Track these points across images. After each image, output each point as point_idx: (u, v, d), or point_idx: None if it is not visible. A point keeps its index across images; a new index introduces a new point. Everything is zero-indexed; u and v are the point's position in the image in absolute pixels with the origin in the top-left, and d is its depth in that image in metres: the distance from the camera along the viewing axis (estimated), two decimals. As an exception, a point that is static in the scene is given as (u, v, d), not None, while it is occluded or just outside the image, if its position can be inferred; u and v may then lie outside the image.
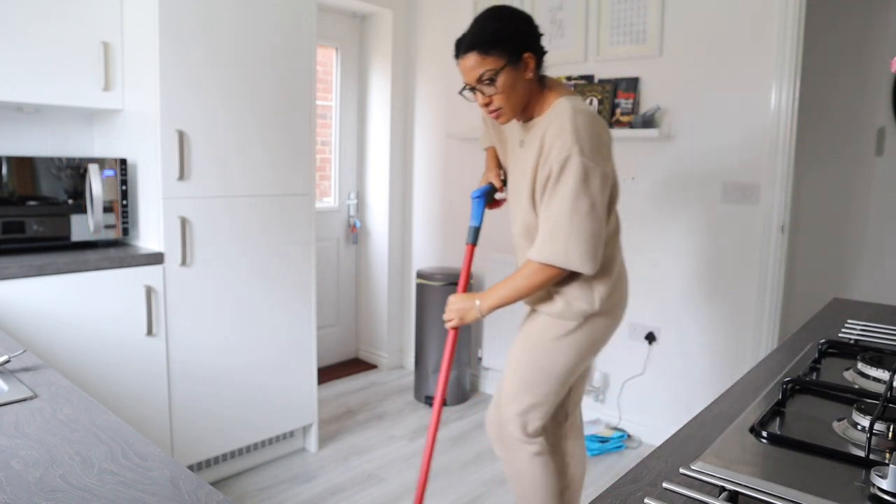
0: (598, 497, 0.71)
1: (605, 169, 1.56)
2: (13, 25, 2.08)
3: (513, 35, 1.60)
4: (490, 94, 1.63)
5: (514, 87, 1.62)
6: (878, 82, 3.38)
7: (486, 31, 1.60)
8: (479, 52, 1.59)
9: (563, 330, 1.70)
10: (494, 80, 1.60)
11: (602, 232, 1.57)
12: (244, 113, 2.39)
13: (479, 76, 1.61)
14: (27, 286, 1.94)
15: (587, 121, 1.56)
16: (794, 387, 1.02)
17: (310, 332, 2.69)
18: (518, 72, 1.61)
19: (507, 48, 1.59)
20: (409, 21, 3.75)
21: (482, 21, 1.64)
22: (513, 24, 1.62)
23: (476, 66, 1.61)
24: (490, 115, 1.68)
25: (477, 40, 1.60)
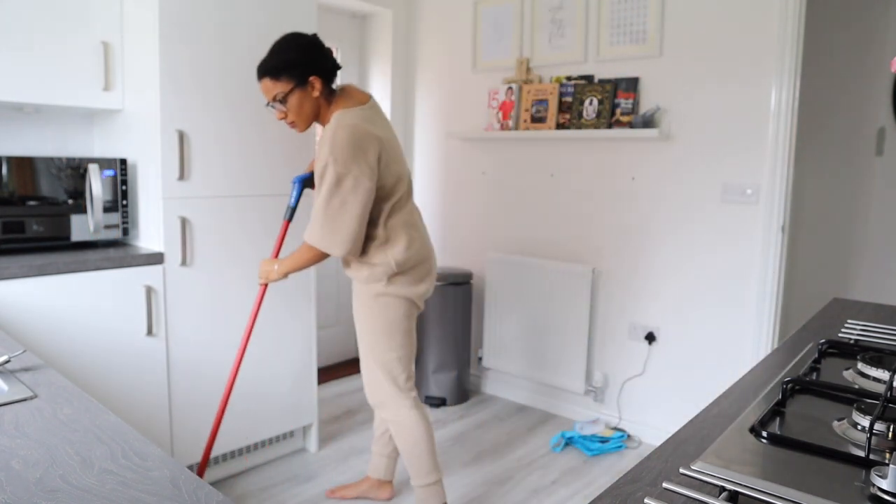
0: (598, 497, 0.71)
1: (358, 174, 1.89)
2: (13, 25, 2.08)
3: (299, 63, 1.93)
4: (283, 111, 1.99)
5: (303, 105, 1.98)
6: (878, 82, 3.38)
7: (277, 59, 1.94)
8: (271, 78, 1.95)
9: (375, 291, 2.05)
10: (285, 100, 1.96)
11: (352, 224, 1.91)
12: (244, 113, 2.39)
13: (273, 96, 1.96)
14: (27, 286, 1.94)
15: (346, 134, 1.89)
16: (794, 387, 1.02)
17: (310, 331, 2.69)
18: (305, 92, 1.96)
19: (295, 74, 1.93)
20: (409, 21, 3.75)
21: (275, 50, 1.97)
22: (299, 53, 1.94)
23: (269, 89, 1.96)
24: (289, 126, 2.04)
25: (268, 67, 1.95)
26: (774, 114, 2.53)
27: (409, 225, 2.06)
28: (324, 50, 1.99)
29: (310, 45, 1.97)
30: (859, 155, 3.45)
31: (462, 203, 3.59)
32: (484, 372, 3.55)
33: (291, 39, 1.97)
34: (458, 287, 3.29)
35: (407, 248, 2.03)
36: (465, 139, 3.52)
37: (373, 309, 2.06)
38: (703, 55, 2.68)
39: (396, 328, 2.07)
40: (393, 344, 2.07)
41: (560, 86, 3.08)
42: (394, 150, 2.03)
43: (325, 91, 1.99)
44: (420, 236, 2.09)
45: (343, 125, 1.91)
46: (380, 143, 1.95)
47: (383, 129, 2.01)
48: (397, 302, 2.06)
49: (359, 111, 1.97)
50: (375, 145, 1.93)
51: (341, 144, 1.88)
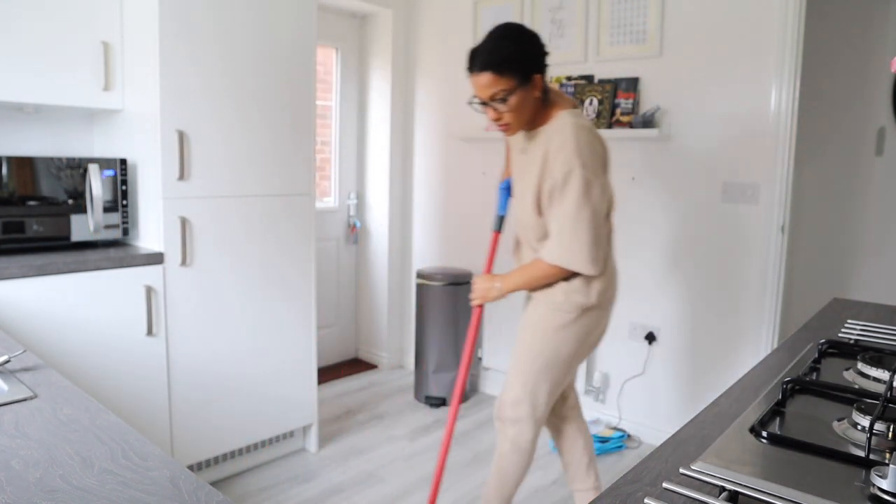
0: (597, 497, 0.71)
1: (602, 181, 1.73)
2: (13, 25, 2.08)
3: (526, 58, 1.73)
4: (501, 111, 1.76)
5: (524, 105, 1.76)
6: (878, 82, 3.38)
7: (502, 52, 1.71)
8: (494, 73, 1.71)
9: (562, 321, 1.84)
10: (506, 99, 1.73)
11: (602, 237, 1.74)
12: (244, 113, 2.39)
13: (491, 94, 1.73)
14: (27, 286, 1.94)
15: (588, 137, 1.71)
16: (794, 387, 1.02)
17: (310, 331, 2.69)
18: (527, 91, 1.74)
19: (520, 70, 1.71)
20: (409, 21, 3.75)
21: (498, 41, 1.73)
22: (526, 47, 1.74)
23: (489, 85, 1.72)
24: (499, 128, 1.82)
25: (492, 61, 1.70)
26: (774, 114, 2.53)
27: (612, 255, 1.89)
28: (542, 43, 1.78)
29: (533, 38, 1.75)
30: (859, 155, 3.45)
31: (462, 203, 3.59)
32: (484, 372, 3.55)
33: (514, 30, 1.74)
34: (458, 287, 3.29)
35: (609, 282, 1.85)
36: (465, 139, 3.52)
37: (557, 338, 1.84)
38: (703, 55, 2.68)
39: (563, 362, 1.88)
40: (551, 376, 1.88)
41: (560, 86, 3.08)
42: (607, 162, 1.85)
43: (542, 91, 1.79)
44: (615, 270, 1.92)
45: (582, 126, 1.72)
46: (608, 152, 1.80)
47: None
48: (582, 336, 1.86)
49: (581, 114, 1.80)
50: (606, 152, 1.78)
51: (587, 146, 1.70)
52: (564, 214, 1.72)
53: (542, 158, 1.77)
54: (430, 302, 3.30)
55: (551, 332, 1.85)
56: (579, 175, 1.68)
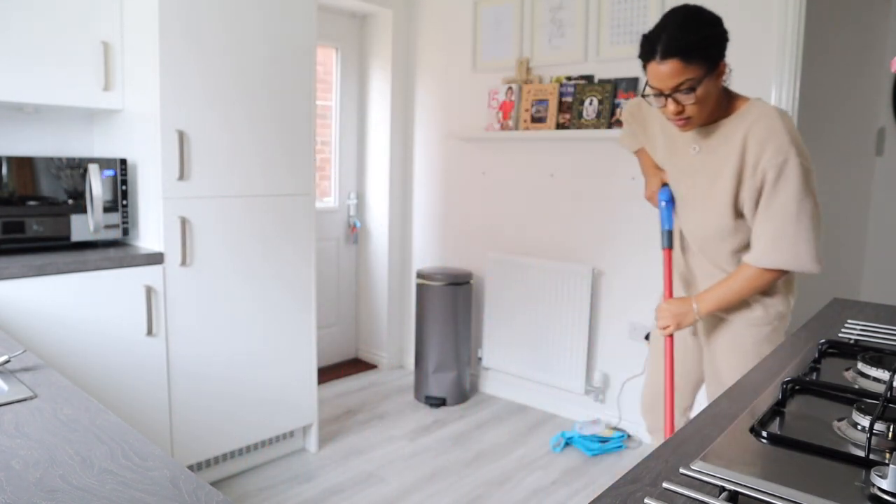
0: (598, 497, 0.71)
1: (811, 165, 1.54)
2: (13, 25, 2.08)
3: (716, 42, 1.54)
4: (685, 104, 1.56)
5: (710, 95, 1.57)
6: (878, 82, 3.38)
7: (691, 36, 1.51)
8: (682, 60, 1.51)
9: (764, 335, 1.71)
10: (694, 89, 1.53)
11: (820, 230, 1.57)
12: (244, 113, 2.39)
13: (677, 84, 1.53)
14: (27, 286, 1.94)
15: (792, 124, 1.55)
16: (794, 387, 1.02)
17: (310, 331, 2.69)
18: (714, 80, 1.56)
19: (709, 56, 1.52)
20: (409, 21, 3.75)
21: (684, 23, 1.53)
22: (716, 30, 1.55)
23: (676, 74, 1.52)
24: (677, 122, 1.62)
25: (680, 46, 1.50)
26: (774, 114, 2.52)
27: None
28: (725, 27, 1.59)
29: (718, 21, 1.56)
30: (859, 155, 3.45)
31: (462, 203, 3.59)
32: (484, 372, 3.55)
33: (699, 12, 1.55)
34: (458, 287, 3.29)
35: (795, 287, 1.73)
36: (465, 139, 3.52)
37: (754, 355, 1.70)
38: (703, 55, 2.67)
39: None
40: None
41: (560, 86, 3.08)
42: None
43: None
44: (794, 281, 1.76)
45: (784, 113, 1.57)
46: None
47: None
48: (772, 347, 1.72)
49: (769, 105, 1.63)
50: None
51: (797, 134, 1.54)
52: (784, 209, 1.53)
53: (740, 152, 1.59)
54: (430, 302, 3.30)
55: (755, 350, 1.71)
56: (796, 164, 1.51)
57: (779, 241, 1.56)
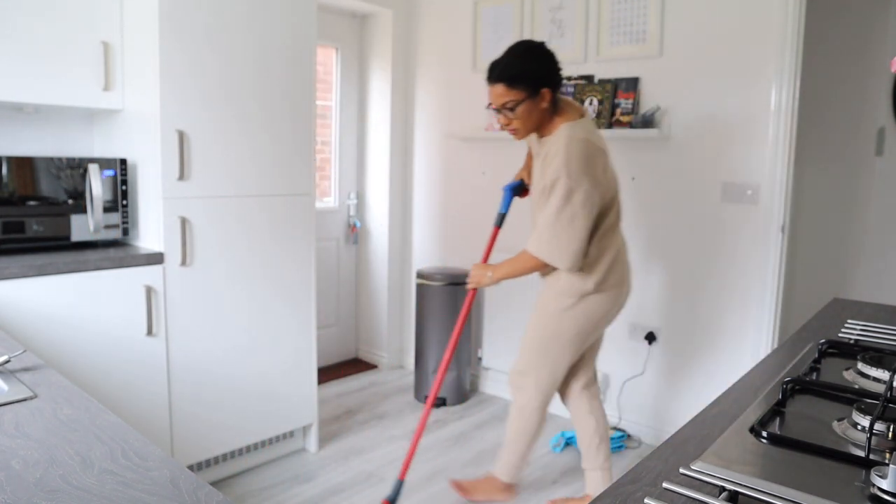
0: (597, 497, 0.71)
1: (589, 187, 1.93)
2: (13, 25, 2.08)
3: (536, 74, 1.97)
4: (510, 118, 2.03)
5: (531, 114, 2.01)
6: (878, 82, 3.38)
7: (514, 67, 1.97)
8: (506, 84, 1.98)
9: (565, 304, 2.10)
10: (515, 108, 1.99)
11: (579, 237, 1.96)
12: (244, 113, 2.39)
13: (503, 103, 2.00)
14: (27, 286, 1.94)
15: (580, 149, 1.94)
16: (794, 387, 1.02)
17: (310, 331, 2.69)
18: (535, 103, 2.00)
19: (529, 84, 1.97)
20: (409, 21, 3.75)
21: (513, 55, 2.00)
22: (537, 64, 1.98)
23: (502, 95, 2.00)
24: (509, 132, 2.08)
25: (505, 74, 1.97)
26: (774, 114, 2.53)
27: (615, 248, 2.10)
28: (556, 61, 2.02)
29: (546, 56, 2.00)
30: (859, 155, 3.45)
31: (462, 203, 3.59)
32: (484, 372, 3.55)
33: (530, 48, 2.01)
34: (458, 287, 3.29)
35: (609, 270, 2.08)
36: (465, 139, 3.52)
37: (560, 320, 2.11)
38: (704, 55, 2.68)
39: (566, 341, 2.13)
40: (553, 353, 2.14)
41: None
42: (612, 167, 2.07)
43: (551, 103, 2.03)
44: (623, 261, 2.14)
45: (576, 139, 1.95)
46: (606, 159, 2.01)
47: (604, 145, 2.04)
48: (583, 320, 2.11)
49: (584, 123, 2.02)
50: (603, 159, 1.99)
51: (575, 158, 1.92)
52: (548, 214, 1.97)
53: (542, 164, 2.03)
54: (430, 302, 3.30)
55: (555, 315, 2.11)
56: (563, 184, 1.92)
57: (540, 238, 2.01)
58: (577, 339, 2.14)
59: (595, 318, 2.12)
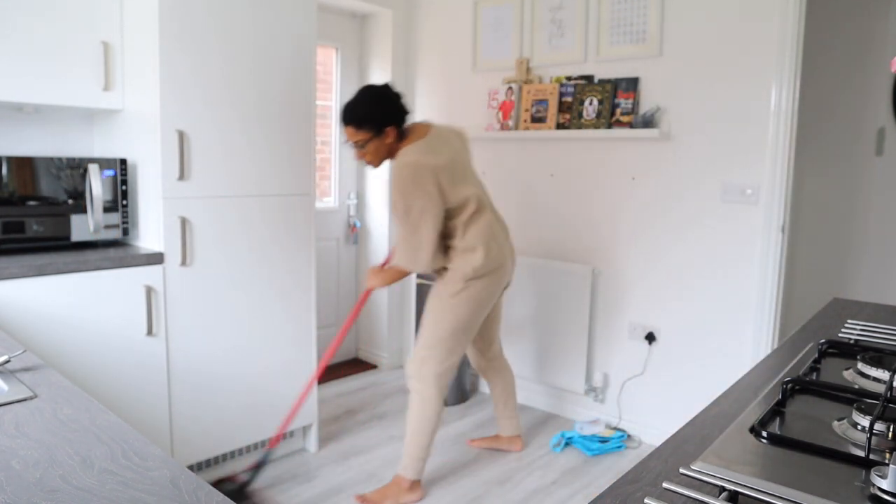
0: (598, 497, 0.71)
1: (422, 202, 2.20)
2: (13, 25, 2.08)
3: (378, 116, 2.26)
4: (362, 153, 2.33)
5: (378, 149, 2.31)
6: (878, 82, 3.38)
7: (359, 111, 2.26)
8: (354, 127, 2.27)
9: (452, 290, 2.35)
10: (364, 145, 2.29)
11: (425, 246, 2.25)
12: (244, 113, 2.39)
13: (354, 141, 2.30)
14: (27, 286, 1.94)
15: (409, 172, 2.21)
16: (794, 387, 1.02)
17: (310, 331, 2.69)
18: (381, 140, 2.29)
19: (374, 125, 2.26)
20: (409, 21, 3.75)
21: (358, 102, 2.28)
22: (380, 107, 2.27)
23: (352, 135, 2.29)
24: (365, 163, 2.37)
25: (351, 117, 2.27)
26: (774, 114, 2.53)
27: (486, 235, 2.35)
28: (400, 102, 2.32)
29: (388, 99, 2.29)
30: (859, 155, 3.45)
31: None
32: (484, 372, 3.55)
33: (374, 93, 2.29)
34: (458, 287, 3.28)
35: (484, 256, 2.33)
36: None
37: (445, 306, 2.36)
38: (703, 55, 2.68)
39: (460, 325, 2.37)
40: (452, 337, 2.37)
41: (560, 86, 3.08)
42: (456, 172, 2.30)
43: (397, 136, 2.31)
44: (497, 245, 2.39)
45: (405, 164, 2.22)
46: (436, 172, 2.23)
47: (444, 156, 2.28)
48: (467, 304, 2.36)
49: (419, 145, 2.27)
50: (431, 175, 2.22)
51: (404, 180, 2.21)
52: (398, 231, 2.30)
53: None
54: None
55: (446, 301, 2.36)
56: (400, 203, 2.22)
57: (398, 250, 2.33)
58: (468, 323, 2.38)
59: (480, 300, 2.37)
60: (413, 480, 2.39)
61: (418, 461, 2.39)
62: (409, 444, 2.39)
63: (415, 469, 2.39)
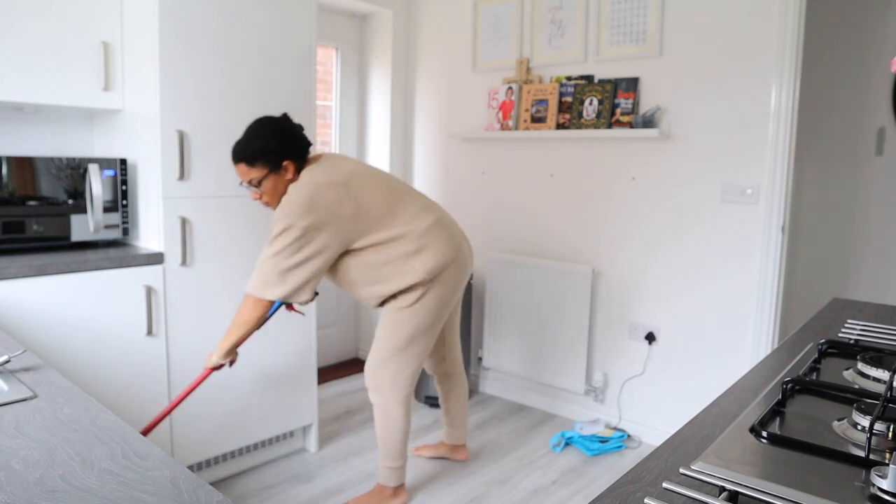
0: (598, 497, 0.71)
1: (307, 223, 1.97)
2: (13, 25, 2.08)
3: (273, 150, 2.02)
4: (259, 192, 2.07)
5: (277, 187, 2.06)
6: (878, 82, 3.38)
7: (252, 147, 2.02)
8: (246, 164, 2.03)
9: (411, 299, 2.14)
10: (259, 184, 2.05)
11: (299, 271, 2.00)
12: (244, 113, 2.39)
13: (248, 180, 2.05)
14: (27, 286, 1.94)
15: (300, 193, 1.98)
16: (794, 387, 1.02)
17: (309, 331, 2.69)
18: (280, 176, 2.05)
19: (269, 161, 2.02)
20: (409, 21, 3.75)
21: (250, 137, 2.04)
22: (274, 142, 2.02)
23: (245, 174, 2.05)
24: (262, 204, 2.13)
25: (244, 155, 2.03)
26: (774, 114, 2.53)
27: (423, 237, 2.11)
28: (296, 133, 2.08)
29: (283, 132, 2.05)
30: (859, 155, 3.45)
31: (462, 203, 3.59)
32: (484, 372, 3.55)
33: (266, 126, 2.05)
34: (458, 287, 3.28)
35: (433, 256, 2.11)
36: (465, 139, 3.52)
37: (404, 314, 2.16)
38: (703, 55, 2.68)
39: (420, 332, 2.19)
40: (410, 346, 2.19)
41: (560, 86, 3.08)
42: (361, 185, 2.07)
43: (296, 171, 2.08)
44: (443, 240, 2.14)
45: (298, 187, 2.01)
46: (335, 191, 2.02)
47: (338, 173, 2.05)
48: (427, 308, 2.16)
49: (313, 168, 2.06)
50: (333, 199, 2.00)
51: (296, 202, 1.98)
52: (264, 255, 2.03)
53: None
54: (430, 302, 3.30)
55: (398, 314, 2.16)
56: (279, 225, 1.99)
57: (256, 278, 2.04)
58: (428, 329, 2.20)
59: (437, 307, 2.18)
60: (395, 486, 2.34)
61: (395, 470, 2.31)
62: (382, 456, 2.31)
63: (394, 477, 2.32)
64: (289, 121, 2.10)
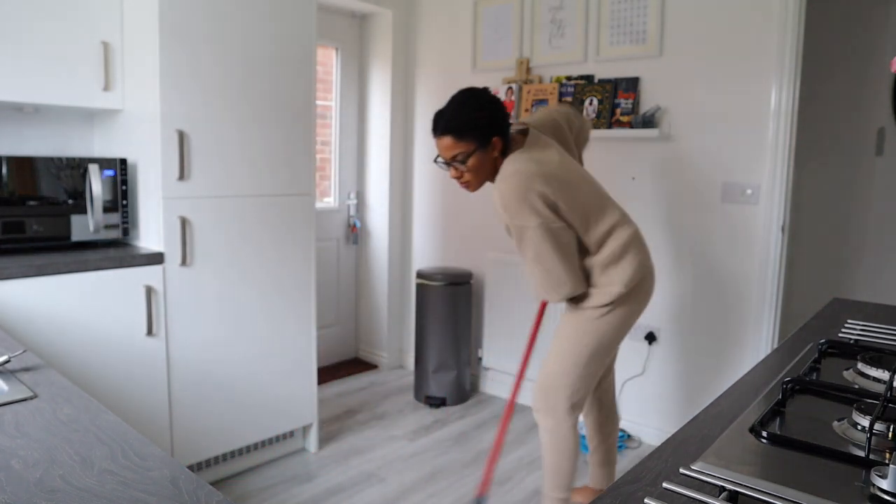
0: (598, 497, 0.71)
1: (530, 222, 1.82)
2: (13, 25, 2.08)
3: (485, 123, 1.86)
4: (461, 171, 1.92)
5: (483, 165, 1.91)
6: (878, 82, 3.38)
7: (462, 118, 1.86)
8: (454, 137, 1.87)
9: (600, 311, 1.96)
10: (465, 161, 1.89)
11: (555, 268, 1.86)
12: (244, 113, 2.39)
13: (452, 156, 1.90)
14: (27, 286, 1.94)
15: (509, 188, 1.82)
16: (794, 387, 1.02)
17: (310, 331, 2.69)
18: (487, 153, 1.89)
19: (479, 135, 1.86)
20: (409, 21, 3.75)
21: (459, 106, 1.89)
22: (486, 113, 1.87)
23: (450, 148, 1.89)
24: (460, 185, 1.97)
25: (452, 126, 1.87)
26: (774, 114, 2.53)
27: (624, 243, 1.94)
28: (502, 107, 1.91)
29: (493, 104, 1.90)
30: (859, 155, 3.45)
31: (462, 203, 3.59)
32: (484, 372, 3.55)
33: (476, 96, 1.90)
34: (458, 287, 3.29)
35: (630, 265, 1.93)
36: (465, 139, 3.51)
37: (590, 326, 1.97)
38: (703, 55, 2.68)
39: (601, 349, 1.99)
40: (590, 362, 1.99)
41: (560, 86, 3.08)
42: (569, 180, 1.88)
43: (502, 150, 1.92)
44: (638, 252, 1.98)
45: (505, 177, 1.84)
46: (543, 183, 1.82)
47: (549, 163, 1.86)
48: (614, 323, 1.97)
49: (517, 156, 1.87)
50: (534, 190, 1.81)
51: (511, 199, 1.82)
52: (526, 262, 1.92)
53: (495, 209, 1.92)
54: (430, 302, 3.30)
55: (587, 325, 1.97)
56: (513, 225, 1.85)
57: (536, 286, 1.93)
58: (609, 346, 2.00)
59: (628, 318, 1.99)
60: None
61: (564, 502, 2.07)
62: (550, 486, 2.06)
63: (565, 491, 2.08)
64: (495, 95, 1.94)
